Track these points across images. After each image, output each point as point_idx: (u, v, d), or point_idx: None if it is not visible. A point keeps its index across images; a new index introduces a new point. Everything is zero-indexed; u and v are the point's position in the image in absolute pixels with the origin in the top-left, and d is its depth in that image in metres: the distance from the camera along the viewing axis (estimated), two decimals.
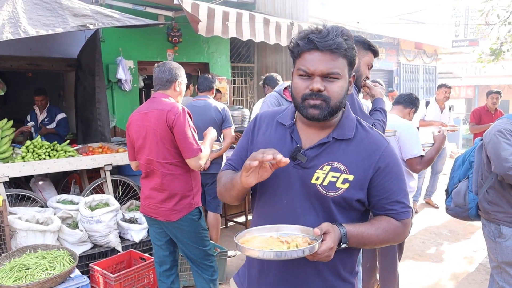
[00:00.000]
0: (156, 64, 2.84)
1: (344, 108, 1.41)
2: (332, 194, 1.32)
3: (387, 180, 1.35)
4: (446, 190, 3.00)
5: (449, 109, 6.36)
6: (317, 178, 1.33)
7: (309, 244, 1.21)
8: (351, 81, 1.39)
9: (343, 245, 1.29)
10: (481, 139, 2.70)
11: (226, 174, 1.48)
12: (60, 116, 5.57)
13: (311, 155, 1.35)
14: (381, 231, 1.35)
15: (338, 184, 1.32)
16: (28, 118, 5.62)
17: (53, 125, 5.53)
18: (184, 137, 2.60)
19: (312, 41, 1.26)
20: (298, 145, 1.37)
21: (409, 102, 3.43)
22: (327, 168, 1.33)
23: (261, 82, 4.97)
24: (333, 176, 1.32)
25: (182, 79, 2.83)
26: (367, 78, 2.51)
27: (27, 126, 5.46)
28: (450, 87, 6.20)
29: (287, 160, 1.19)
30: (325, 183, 1.32)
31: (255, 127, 1.50)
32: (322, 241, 1.22)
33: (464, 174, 2.84)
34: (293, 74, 1.36)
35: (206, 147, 2.76)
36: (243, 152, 1.51)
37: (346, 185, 1.32)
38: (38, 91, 5.57)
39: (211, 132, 2.92)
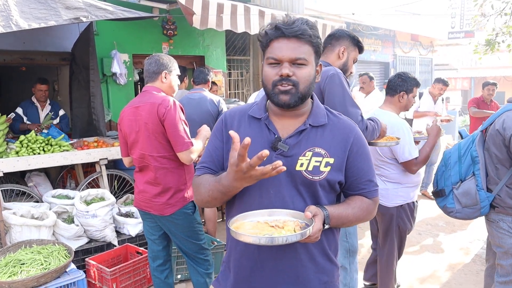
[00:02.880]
0: (146, 57, 2.82)
1: (312, 98, 1.49)
2: (318, 178, 1.38)
3: (360, 161, 1.45)
4: (440, 191, 2.74)
5: (442, 100, 6.36)
6: (301, 165, 1.38)
7: (301, 227, 1.28)
8: (318, 70, 1.45)
9: (326, 226, 1.36)
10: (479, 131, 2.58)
11: (205, 181, 1.43)
12: (62, 112, 5.27)
13: (292, 143, 1.40)
14: (357, 210, 1.45)
15: (322, 168, 1.39)
16: (21, 111, 5.02)
17: (57, 120, 5.20)
18: (175, 131, 2.58)
19: (279, 29, 1.34)
20: (276, 135, 1.41)
21: (393, 88, 2.94)
22: (309, 154, 1.39)
23: None
24: (316, 161, 1.39)
25: (170, 70, 2.77)
26: (351, 73, 2.60)
27: (9, 118, 4.67)
28: (447, 85, 6.11)
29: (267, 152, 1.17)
30: (310, 168, 1.38)
31: (226, 125, 1.50)
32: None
33: (467, 171, 2.58)
34: (263, 66, 1.41)
35: (199, 142, 2.74)
36: (217, 152, 1.49)
37: (328, 168, 1.39)
38: (42, 80, 5.08)
39: (205, 129, 2.90)
